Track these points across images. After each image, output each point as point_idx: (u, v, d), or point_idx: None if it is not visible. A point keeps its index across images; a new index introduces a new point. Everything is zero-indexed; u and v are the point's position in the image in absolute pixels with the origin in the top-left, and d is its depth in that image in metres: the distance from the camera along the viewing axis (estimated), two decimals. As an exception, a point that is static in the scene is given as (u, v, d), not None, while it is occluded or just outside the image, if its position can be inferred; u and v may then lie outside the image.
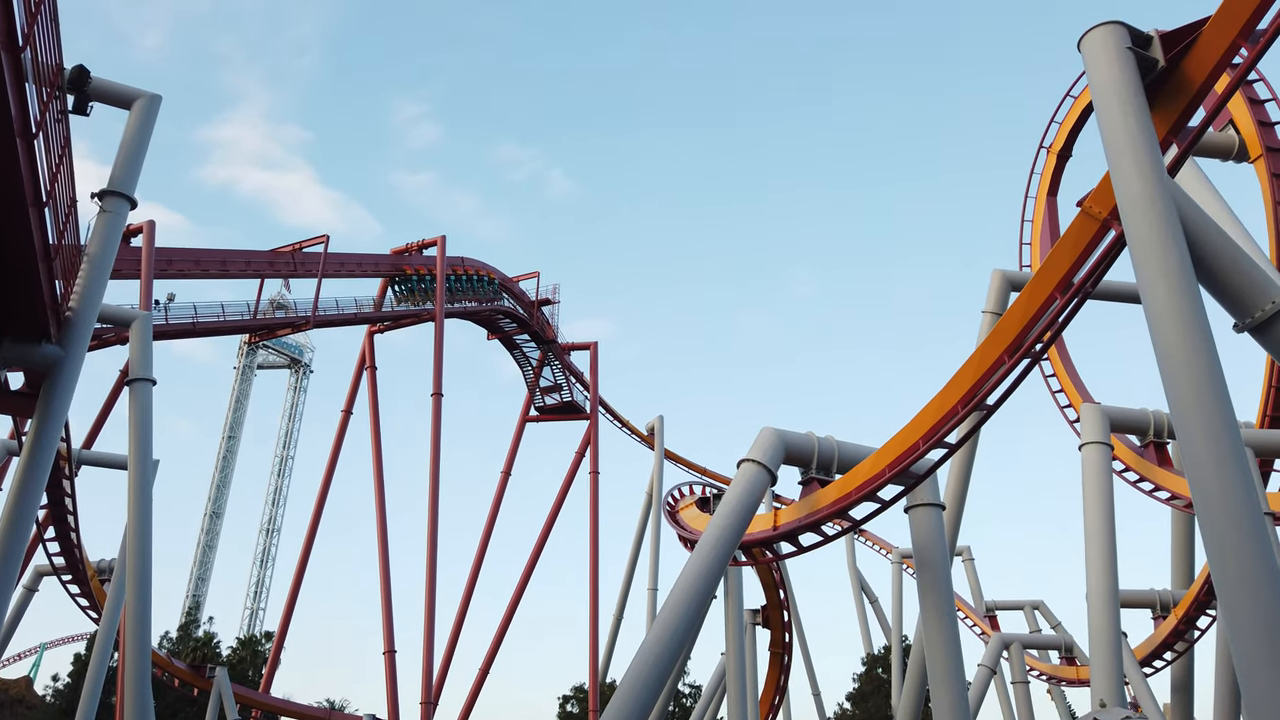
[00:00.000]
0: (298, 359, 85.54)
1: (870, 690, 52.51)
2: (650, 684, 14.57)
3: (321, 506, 44.96)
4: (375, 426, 44.50)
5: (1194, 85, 11.62)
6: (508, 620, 50.60)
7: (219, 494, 77.31)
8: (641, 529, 54.70)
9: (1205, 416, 9.58)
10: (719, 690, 33.71)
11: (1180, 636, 29.27)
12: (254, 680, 49.17)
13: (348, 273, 43.37)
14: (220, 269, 37.99)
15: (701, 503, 30.26)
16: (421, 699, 37.90)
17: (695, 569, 15.85)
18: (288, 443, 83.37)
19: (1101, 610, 19.60)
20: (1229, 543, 9.18)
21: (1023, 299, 14.82)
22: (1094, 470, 20.97)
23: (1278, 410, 23.18)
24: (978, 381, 15.55)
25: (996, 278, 24.94)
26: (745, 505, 16.74)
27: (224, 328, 39.65)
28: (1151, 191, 10.54)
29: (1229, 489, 9.34)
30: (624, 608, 54.47)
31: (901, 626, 49.25)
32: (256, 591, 78.27)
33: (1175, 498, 23.57)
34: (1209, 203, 19.60)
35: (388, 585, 41.02)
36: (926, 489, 17.71)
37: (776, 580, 34.58)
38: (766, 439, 17.72)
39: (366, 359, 46.01)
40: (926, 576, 17.50)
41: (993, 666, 35.36)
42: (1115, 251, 13.02)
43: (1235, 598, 8.98)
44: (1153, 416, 23.21)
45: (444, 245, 46.58)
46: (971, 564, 50.14)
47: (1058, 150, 26.64)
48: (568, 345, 55.97)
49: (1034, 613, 44.67)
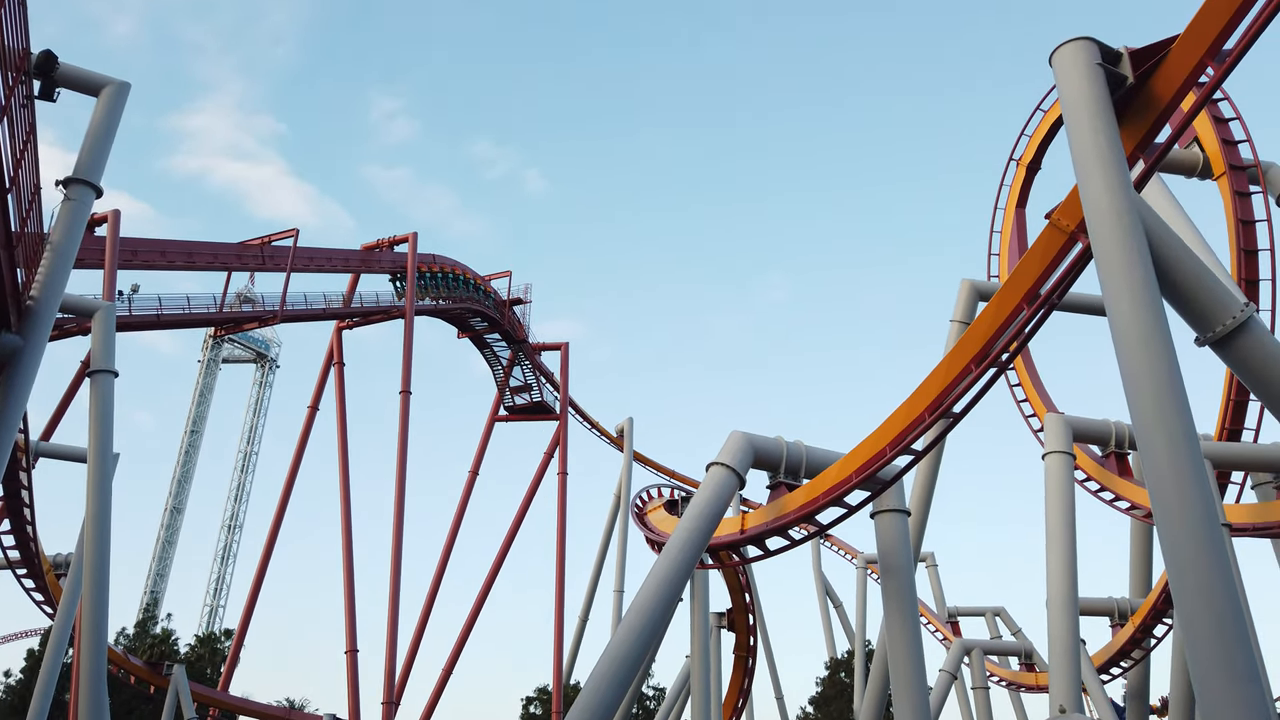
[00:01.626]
0: (264, 354, 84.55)
1: (833, 694, 52.86)
2: (615, 685, 14.55)
3: (285, 503, 44.48)
4: (342, 423, 44.10)
5: (1161, 102, 11.83)
6: (472, 620, 50.32)
7: (180, 489, 76.20)
8: (609, 530, 54.67)
9: (1166, 428, 9.75)
10: (683, 693, 33.76)
11: (1137, 644, 29.76)
12: (212, 678, 48.49)
13: (317, 267, 42.90)
14: (187, 260, 37.43)
15: (670, 505, 30.30)
16: (383, 699, 37.58)
17: (662, 571, 15.85)
18: (252, 438, 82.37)
19: (1061, 617, 19.87)
20: (1186, 552, 9.34)
21: (990, 309, 15.00)
22: (1056, 479, 21.26)
23: (1236, 423, 23.65)
24: (945, 390, 15.72)
25: (965, 287, 25.23)
26: (713, 508, 16.77)
27: (189, 320, 39.10)
28: (1118, 206, 10.71)
29: (1188, 500, 9.50)
30: (590, 609, 54.43)
31: (865, 631, 49.65)
32: (216, 589, 77.25)
33: (1135, 507, 23.97)
34: (1174, 218, 19.96)
35: (351, 584, 40.64)
36: (892, 495, 17.86)
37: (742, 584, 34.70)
38: (735, 443, 17.78)
39: (334, 355, 45.56)
40: (890, 582, 17.64)
41: (954, 672, 35.72)
42: (1082, 264, 13.21)
43: (1192, 607, 9.14)
44: (1115, 427, 23.58)
45: (415, 242, 46.28)
46: (935, 570, 50.63)
47: (1027, 162, 27.01)
48: (539, 345, 55.81)
49: (995, 619, 45.20)
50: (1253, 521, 21.96)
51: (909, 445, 16.47)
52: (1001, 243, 27.63)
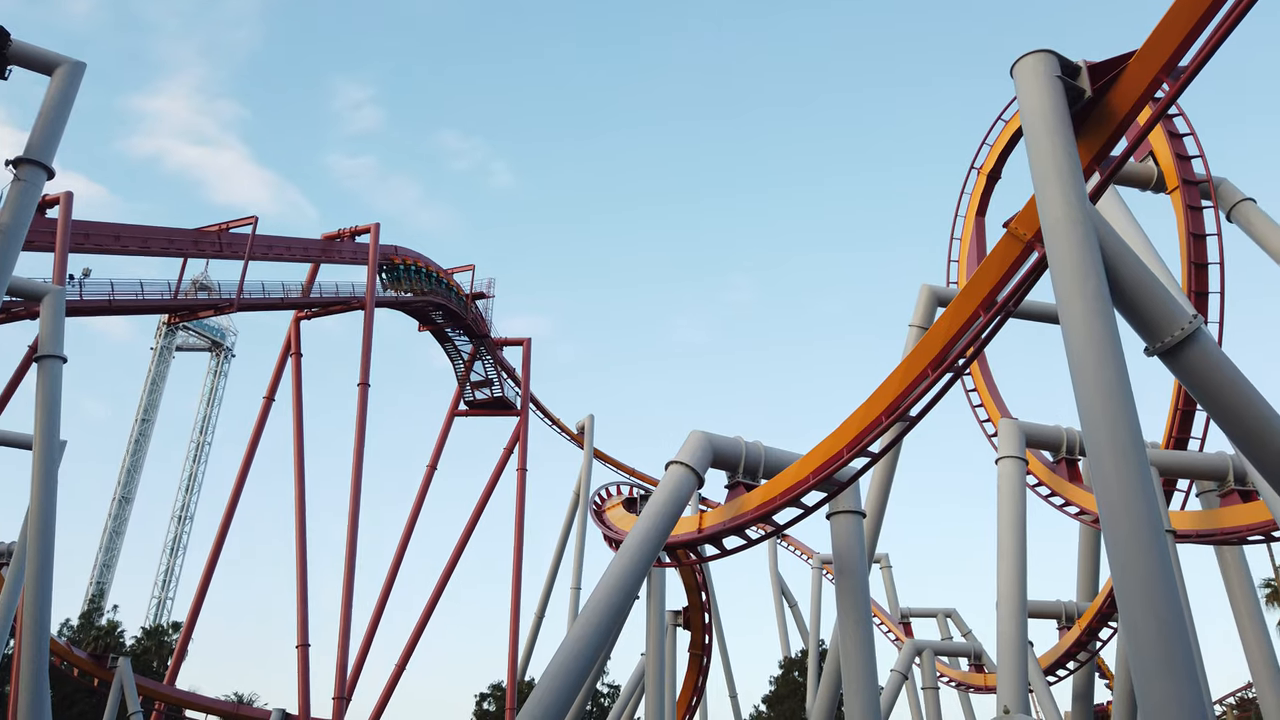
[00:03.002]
0: (219, 342, 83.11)
1: (786, 693, 53.26)
2: (569, 682, 14.54)
3: (238, 495, 43.81)
4: (298, 415, 43.53)
5: (1118, 116, 12.08)
6: (427, 616, 49.97)
7: (129, 479, 74.64)
8: (567, 527, 54.61)
9: (1114, 435, 9.96)
10: (637, 690, 33.85)
11: (1083, 647, 30.39)
12: (159, 672, 47.56)
13: (275, 256, 42.28)
14: (141, 246, 36.69)
15: (628, 503, 30.37)
16: (335, 694, 37.19)
17: (619, 569, 15.88)
18: (205, 428, 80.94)
19: (1010, 620, 20.22)
20: (1131, 557, 9.55)
21: (948, 315, 15.21)
22: (1009, 483, 21.63)
23: (1183, 432, 24.22)
24: (902, 393, 15.91)
25: (924, 293, 25.56)
26: (671, 507, 16.83)
27: (142, 306, 38.35)
28: (1073, 216, 10.92)
29: (1133, 506, 9.72)
30: (546, 606, 54.34)
31: (819, 630, 50.10)
32: (165, 580, 75.80)
33: (1084, 513, 24.46)
34: (1127, 230, 20.42)
35: (304, 577, 40.14)
36: (848, 496, 18.04)
37: (699, 582, 34.87)
38: (695, 442, 17.85)
39: (292, 345, 44.97)
40: (845, 582, 17.82)
41: (905, 672, 36.22)
42: (1038, 272, 13.44)
43: (1135, 610, 9.35)
44: (1066, 433, 24.06)
45: (377, 232, 45.84)
46: (889, 571, 51.27)
47: (988, 171, 27.43)
48: (501, 340, 55.55)
49: (947, 620, 45.90)
50: (1196, 528, 22.50)
51: (866, 447, 16.65)
52: (961, 249, 28.04)
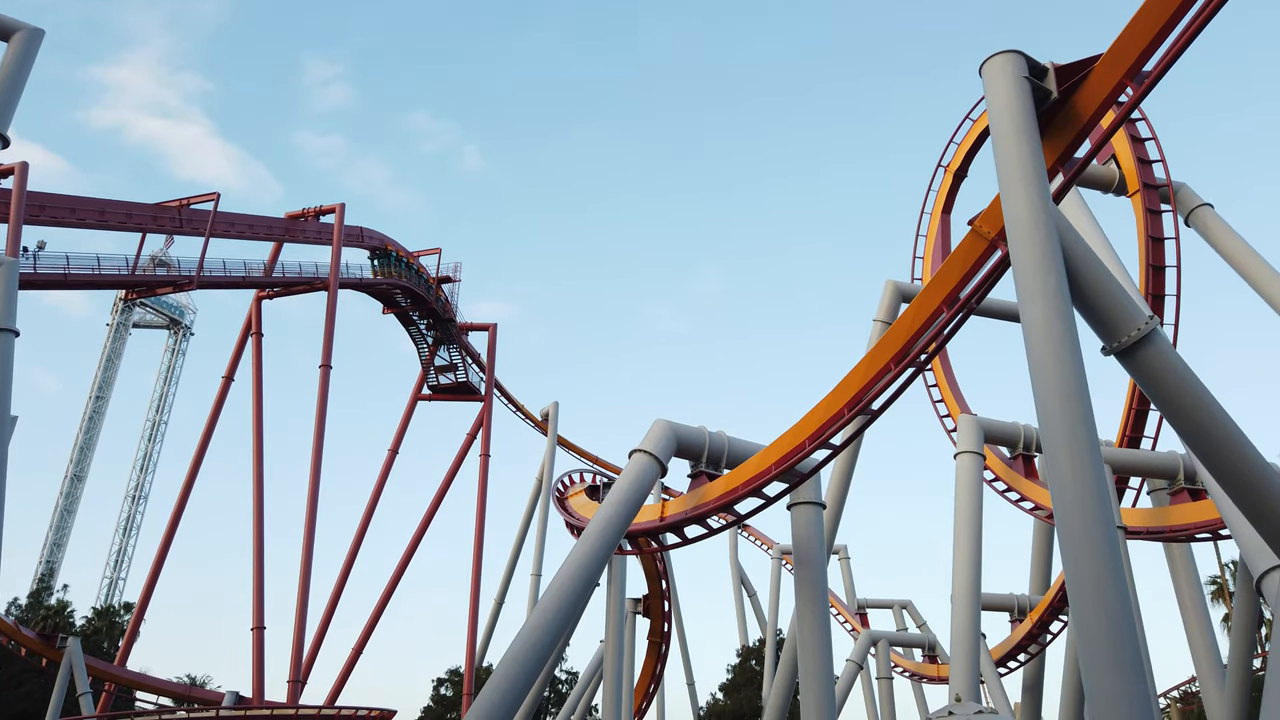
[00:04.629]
0: (178, 320, 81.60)
1: (743, 681, 53.70)
2: (528, 667, 14.55)
3: (194, 475, 43.17)
4: (258, 395, 42.96)
5: (1083, 118, 12.26)
6: (385, 601, 49.71)
7: (82, 456, 73.14)
8: (529, 514, 54.49)
9: (1070, 432, 10.14)
10: (595, 677, 33.93)
11: (1034, 639, 30.99)
12: (109, 653, 46.81)
13: (238, 234, 41.60)
14: (98, 219, 35.91)
15: (591, 491, 30.35)
16: (290, 677, 36.85)
17: (581, 555, 15.89)
18: (162, 407, 79.49)
19: (964, 612, 20.57)
20: (1083, 552, 9.75)
21: (911, 310, 15.37)
22: (966, 478, 21.97)
23: (1137, 431, 24.73)
24: (864, 387, 16.07)
25: (889, 288, 25.80)
26: (634, 494, 16.87)
27: (99, 281, 37.50)
28: (1036, 216, 11.08)
29: (1086, 502, 9.91)
30: (506, 592, 54.24)
31: (777, 620, 50.57)
32: (117, 561, 74.48)
33: (1038, 508, 24.90)
34: (1088, 231, 20.73)
35: (260, 560, 39.67)
36: (809, 488, 18.20)
37: (660, 571, 34.97)
38: (659, 431, 17.89)
39: (253, 325, 44.32)
40: (804, 573, 17.99)
41: (860, 662, 36.69)
42: (1000, 270, 13.63)
43: (1085, 604, 9.55)
44: (1024, 430, 24.46)
45: (342, 213, 45.29)
46: (847, 562, 51.75)
47: (955, 169, 27.72)
48: (466, 325, 55.20)
49: (902, 612, 46.52)
50: (1146, 525, 23.01)
51: (828, 440, 16.81)
52: (926, 246, 28.32)
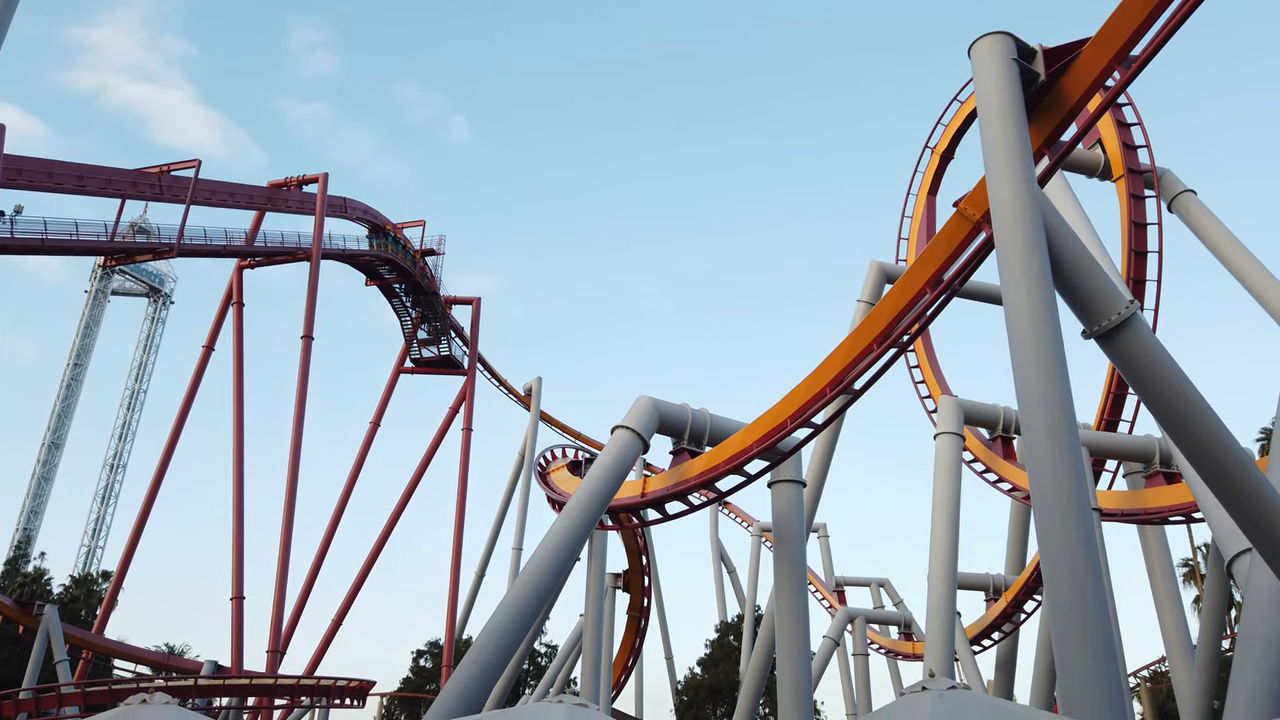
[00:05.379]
0: (157, 288, 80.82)
1: (721, 656, 54.22)
2: (508, 639, 14.63)
3: (174, 445, 42.92)
4: (238, 365, 42.69)
5: (1070, 101, 12.27)
6: (365, 572, 49.77)
7: (60, 424, 72.56)
8: (511, 488, 54.60)
9: (1048, 414, 10.23)
10: (575, 650, 34.14)
11: (1008, 618, 31.42)
12: (87, 621, 46.71)
13: (219, 202, 41.08)
14: (76, 184, 35.34)
15: (573, 466, 30.38)
16: (269, 647, 36.91)
17: (562, 529, 15.94)
18: (141, 375, 78.89)
19: (940, 590, 20.80)
20: (1058, 533, 9.86)
21: (895, 291, 15.41)
22: (946, 459, 22.15)
23: (1114, 414, 24.98)
24: (847, 367, 16.13)
25: (873, 269, 25.83)
26: (616, 470, 16.91)
27: (77, 247, 37.00)
28: (1021, 199, 11.10)
29: (1063, 483, 10.01)
30: (487, 566, 54.42)
31: (756, 597, 51.01)
32: (95, 529, 74.17)
33: (1016, 489, 25.15)
34: (1072, 215, 20.82)
35: (240, 530, 39.60)
36: (790, 466, 18.30)
37: (640, 546, 35.15)
38: (642, 407, 17.92)
39: (234, 294, 43.95)
40: (783, 550, 18.12)
41: (837, 639, 37.12)
42: (984, 253, 13.67)
43: (1059, 583, 9.67)
44: (1003, 412, 24.66)
45: (325, 183, 44.85)
46: (826, 540, 52.27)
47: (941, 151, 27.71)
48: (450, 299, 54.96)
49: (879, 590, 47.04)
50: (1121, 507, 23.30)
51: (809, 418, 16.88)
52: (911, 227, 28.36)
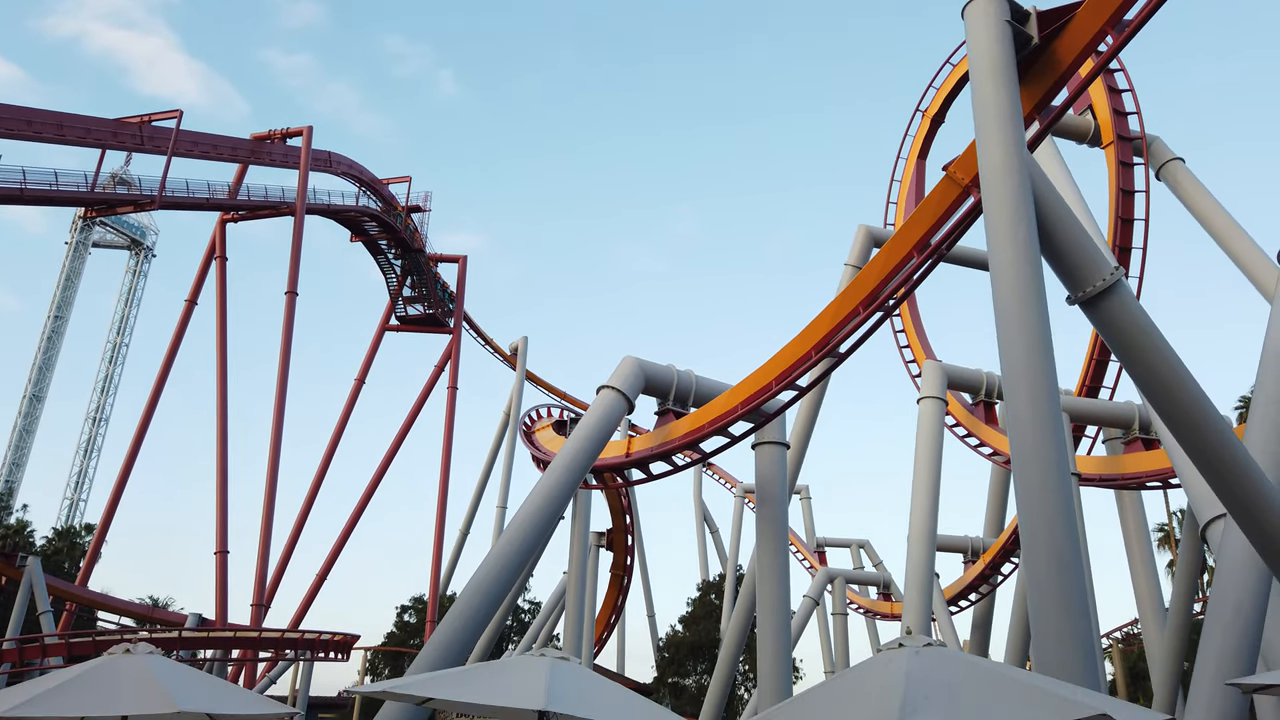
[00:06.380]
0: (139, 240, 79.83)
1: (702, 614, 54.91)
2: (492, 594, 14.75)
3: (157, 398, 42.74)
4: (221, 320, 42.39)
5: (1062, 65, 12.18)
6: (350, 528, 49.97)
7: (41, 376, 72.00)
8: (496, 447, 54.75)
9: (1030, 379, 10.28)
10: (558, 607, 34.50)
11: (986, 580, 31.92)
12: (70, 573, 46.80)
13: (201, 153, 40.49)
14: (56, 133, 34.72)
15: (558, 425, 30.49)
16: (253, 601, 37.12)
17: (546, 487, 16.02)
18: (123, 329, 78.22)
19: (919, 552, 21.08)
20: (1037, 497, 9.96)
21: (882, 255, 15.39)
22: (928, 423, 22.31)
23: (1096, 381, 25.19)
24: (832, 330, 16.15)
25: (861, 232, 25.76)
26: (601, 430, 16.96)
27: (56, 197, 36.45)
28: (1010, 162, 11.05)
29: (1043, 448, 10.09)
30: (471, 523, 54.74)
31: (738, 556, 51.58)
32: (78, 482, 73.99)
33: (996, 454, 25.41)
34: (1060, 181, 20.78)
35: (224, 484, 39.61)
36: (774, 428, 18.39)
37: (624, 506, 35.42)
38: (628, 368, 17.93)
39: (216, 248, 43.51)
40: (765, 511, 18.28)
41: (816, 598, 37.64)
42: (972, 217, 13.64)
43: (1037, 546, 9.79)
44: (986, 377, 24.83)
45: (309, 136, 44.26)
46: (808, 502, 52.76)
47: (932, 114, 27.53)
48: (436, 256, 54.59)
49: (859, 551, 47.61)
50: (1100, 473, 23.59)
51: (794, 381, 16.93)
52: (901, 191, 28.26)
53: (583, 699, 7.27)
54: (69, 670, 7.83)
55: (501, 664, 8.10)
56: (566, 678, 7.30)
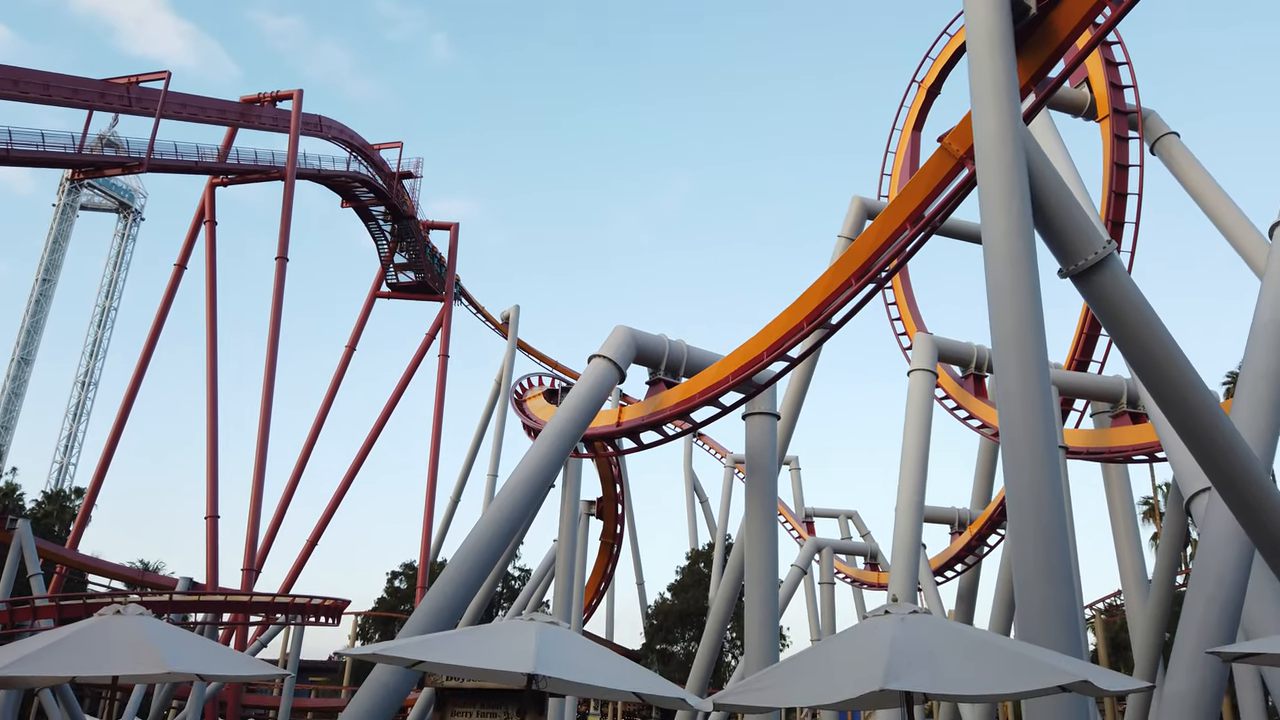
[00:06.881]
0: (127, 204, 79.08)
1: (691, 582, 55.41)
2: (482, 560, 14.83)
3: (146, 363, 42.56)
4: (211, 284, 42.13)
5: (1059, 37, 12.09)
6: (341, 494, 50.10)
7: (29, 340, 71.55)
8: (487, 415, 54.83)
9: (1021, 352, 10.31)
10: (548, 574, 34.72)
11: (972, 551, 32.24)
12: (60, 537, 46.85)
13: (190, 116, 40.03)
14: (42, 93, 34.25)
15: (549, 394, 30.52)
16: (244, 565, 37.26)
17: (537, 456, 16.05)
18: (111, 293, 77.73)
19: (907, 522, 21.25)
20: (1025, 469, 10.03)
21: (875, 226, 15.35)
22: (918, 395, 22.41)
23: (1085, 355, 25.28)
24: (824, 301, 16.14)
25: (855, 204, 25.68)
26: (592, 398, 16.97)
27: (43, 159, 36.04)
28: (1005, 134, 10.99)
29: (1032, 421, 10.15)
30: (462, 491, 54.96)
31: (727, 526, 51.98)
32: (68, 446, 73.87)
33: (985, 426, 25.55)
34: (1055, 153, 20.70)
35: (214, 450, 39.58)
36: (765, 398, 18.43)
37: (614, 475, 35.56)
38: (619, 337, 17.91)
39: (206, 212, 43.15)
40: (755, 481, 18.36)
41: (804, 567, 37.95)
42: (966, 189, 13.60)
43: (1023, 518, 9.88)
44: (976, 350, 24.90)
45: (299, 100, 43.79)
46: (798, 473, 53.08)
47: (928, 86, 27.34)
48: (427, 223, 54.29)
49: (847, 521, 48.03)
50: (1087, 446, 23.76)
51: (785, 352, 16.95)
52: (895, 163, 28.13)
53: (571, 663, 7.33)
54: (59, 631, 7.86)
55: (491, 628, 8.14)
56: (555, 642, 7.36)
